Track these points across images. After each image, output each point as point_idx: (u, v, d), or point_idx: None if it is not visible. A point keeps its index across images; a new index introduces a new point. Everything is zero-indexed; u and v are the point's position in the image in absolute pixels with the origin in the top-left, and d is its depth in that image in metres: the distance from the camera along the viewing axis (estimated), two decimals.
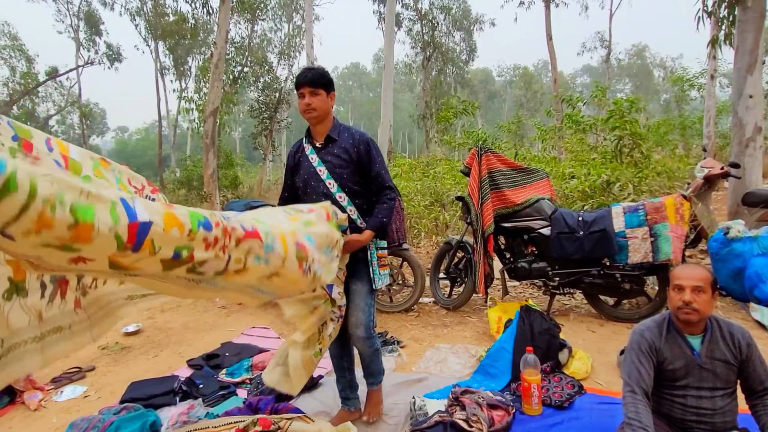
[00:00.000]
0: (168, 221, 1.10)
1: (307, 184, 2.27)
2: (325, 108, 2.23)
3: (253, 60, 18.89)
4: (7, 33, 23.56)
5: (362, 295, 2.27)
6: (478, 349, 3.21)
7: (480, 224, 3.77)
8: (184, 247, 1.16)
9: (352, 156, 2.23)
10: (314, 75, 2.18)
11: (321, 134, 2.28)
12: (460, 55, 26.95)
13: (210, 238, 1.22)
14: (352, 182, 2.24)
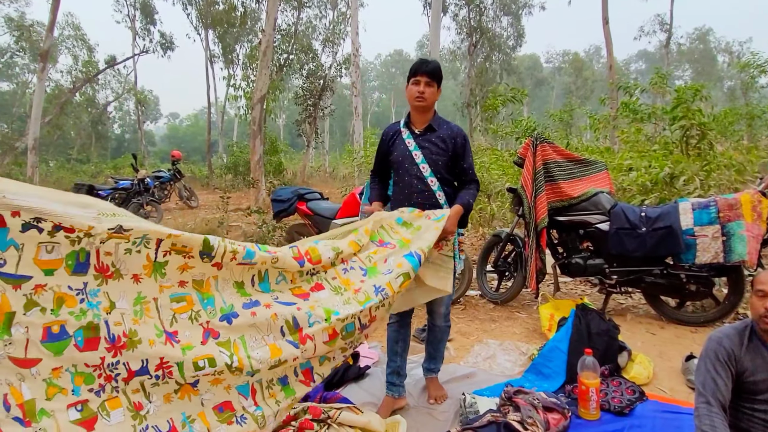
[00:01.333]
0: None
1: (401, 165, 2.42)
2: (433, 100, 2.35)
3: (298, 47, 19.05)
4: (71, 23, 24.88)
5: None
6: (529, 347, 3.10)
7: (533, 217, 3.62)
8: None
9: (449, 146, 2.36)
10: (433, 68, 2.30)
11: (422, 122, 2.40)
12: (507, 41, 26.11)
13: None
14: (445, 170, 2.37)
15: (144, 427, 1.47)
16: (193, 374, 1.55)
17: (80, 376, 1.38)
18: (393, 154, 2.45)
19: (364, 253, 2.15)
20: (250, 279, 1.83)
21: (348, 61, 18.96)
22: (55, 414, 1.32)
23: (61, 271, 1.40)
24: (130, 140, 38.25)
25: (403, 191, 2.42)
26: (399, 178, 2.44)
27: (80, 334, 1.38)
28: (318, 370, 1.92)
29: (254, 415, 1.69)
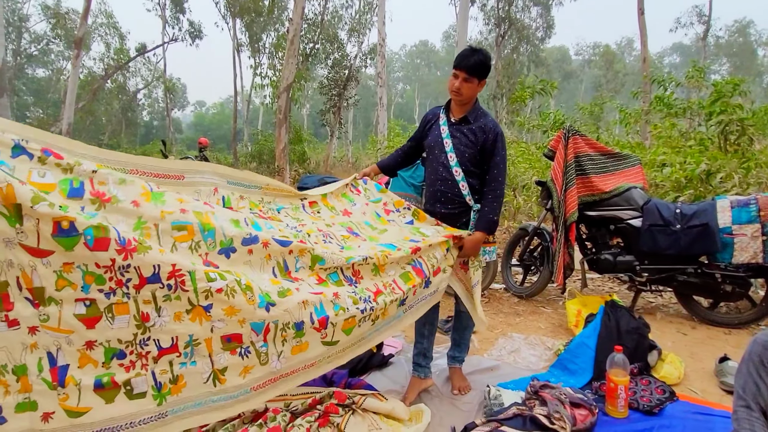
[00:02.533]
0: (82, 360, 1.38)
1: (432, 150, 2.43)
2: (471, 95, 2.31)
3: (324, 37, 19.06)
4: (104, 11, 25.45)
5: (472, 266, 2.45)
6: (555, 342, 3.06)
7: (562, 211, 3.55)
8: (104, 374, 1.40)
9: (479, 140, 2.32)
10: (475, 62, 2.21)
11: (459, 112, 2.38)
12: (536, 32, 25.55)
13: (126, 363, 1.44)
14: (471, 162, 2.34)
15: (146, 338, 1.46)
16: (205, 287, 1.50)
17: (91, 276, 1.36)
18: (427, 138, 2.46)
19: (337, 232, 2.18)
20: (243, 219, 1.79)
21: (373, 52, 18.87)
22: (62, 303, 1.34)
23: (55, 193, 1.38)
24: (158, 127, 39.12)
25: (429, 176, 2.48)
26: (428, 164, 2.48)
27: (90, 233, 1.33)
28: (333, 320, 1.81)
29: (258, 350, 1.66)
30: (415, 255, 2.19)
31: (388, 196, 2.54)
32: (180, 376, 1.52)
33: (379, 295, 2.00)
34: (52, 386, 1.33)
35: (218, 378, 1.58)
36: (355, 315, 1.88)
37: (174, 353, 1.50)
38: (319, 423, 2.04)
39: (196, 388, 1.55)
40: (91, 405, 1.38)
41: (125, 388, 1.43)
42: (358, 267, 2.02)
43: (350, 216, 2.36)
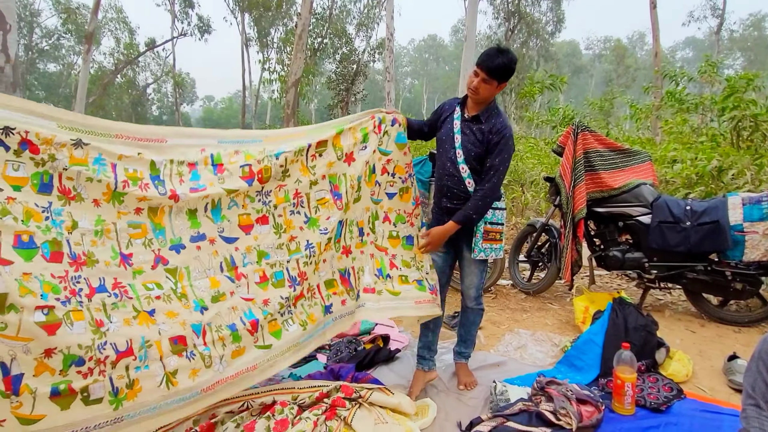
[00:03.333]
0: (38, 368, 1.41)
1: (442, 143, 2.41)
2: (488, 96, 2.27)
3: (332, 31, 19.03)
4: (113, 6, 25.60)
5: (470, 262, 2.44)
6: (562, 339, 3.06)
7: (570, 207, 3.53)
8: (61, 382, 1.44)
9: (485, 140, 2.28)
10: (498, 65, 2.15)
11: (473, 109, 2.35)
12: (546, 27, 25.31)
13: (84, 370, 1.49)
14: (477, 161, 2.32)
15: (103, 342, 1.54)
16: (145, 294, 1.70)
17: (48, 285, 1.47)
18: (440, 130, 2.43)
19: (315, 194, 2.20)
20: (203, 206, 1.92)
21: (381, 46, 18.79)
22: (23, 311, 1.37)
23: (27, 188, 1.51)
24: (167, 122, 39.31)
25: (438, 170, 2.47)
26: (439, 157, 2.45)
27: (46, 247, 1.49)
28: (262, 323, 1.97)
29: (202, 353, 1.79)
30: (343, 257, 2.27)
31: (399, 155, 2.40)
32: (136, 380, 1.61)
33: (299, 300, 2.11)
34: (5, 395, 1.35)
35: (171, 381, 1.69)
36: (277, 319, 2.03)
37: (130, 356, 1.60)
38: (326, 416, 2.06)
39: (151, 392, 1.63)
40: (46, 412, 1.40)
41: (82, 395, 1.48)
42: (304, 267, 2.11)
43: (350, 164, 2.27)
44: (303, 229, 2.14)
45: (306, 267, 2.12)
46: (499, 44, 2.28)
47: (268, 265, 2.04)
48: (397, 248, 2.42)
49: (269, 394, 2.19)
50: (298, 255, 2.10)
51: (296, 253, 2.10)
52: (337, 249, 2.24)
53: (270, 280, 2.03)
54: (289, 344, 2.05)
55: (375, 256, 2.38)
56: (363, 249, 2.36)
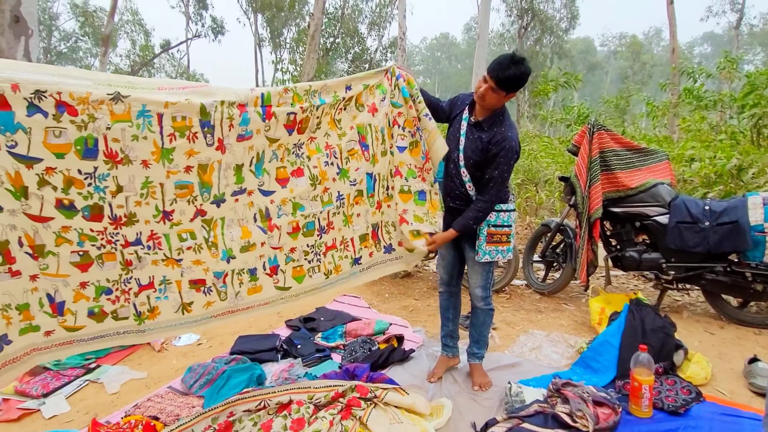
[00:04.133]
0: (76, 296, 1.71)
1: (449, 143, 2.39)
2: (494, 105, 2.24)
3: (344, 31, 19.08)
4: (129, 8, 25.97)
5: (475, 263, 2.45)
6: (578, 340, 3.03)
7: (586, 207, 3.50)
8: (95, 306, 1.75)
9: (484, 149, 2.28)
10: (507, 77, 2.09)
11: (479, 114, 2.32)
12: (560, 23, 25.03)
13: (112, 297, 1.78)
14: (474, 168, 2.32)
15: (128, 277, 1.78)
16: (178, 246, 1.84)
17: (85, 236, 1.64)
18: (450, 128, 2.43)
19: (345, 145, 2.22)
20: (249, 160, 1.95)
21: (394, 45, 18.78)
22: (59, 254, 1.61)
23: (71, 155, 1.52)
24: None
25: (445, 168, 2.48)
26: (447, 157, 2.41)
27: (87, 210, 1.61)
28: (283, 267, 2.13)
29: (219, 289, 1.98)
30: (377, 211, 2.36)
31: (407, 108, 2.30)
32: (156, 307, 1.87)
33: (330, 250, 2.23)
34: (52, 315, 1.66)
35: (186, 308, 1.93)
36: (303, 265, 2.18)
37: (150, 289, 1.84)
38: (341, 416, 2.07)
39: (168, 315, 1.90)
40: (85, 324, 1.75)
41: (112, 315, 1.79)
42: (333, 218, 2.22)
43: (374, 115, 2.26)
44: (335, 180, 2.20)
45: (334, 217, 2.23)
46: (514, 53, 2.16)
47: (302, 216, 2.13)
48: (408, 203, 2.37)
49: (286, 393, 2.21)
50: (330, 206, 2.20)
51: (328, 204, 2.19)
52: (371, 204, 2.33)
53: (301, 230, 2.14)
54: (307, 288, 2.22)
55: (398, 211, 2.40)
56: (389, 203, 2.40)
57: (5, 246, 1.49)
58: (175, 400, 2.44)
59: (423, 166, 2.37)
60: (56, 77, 1.48)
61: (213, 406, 2.10)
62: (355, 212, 2.29)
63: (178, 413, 2.30)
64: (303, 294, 2.22)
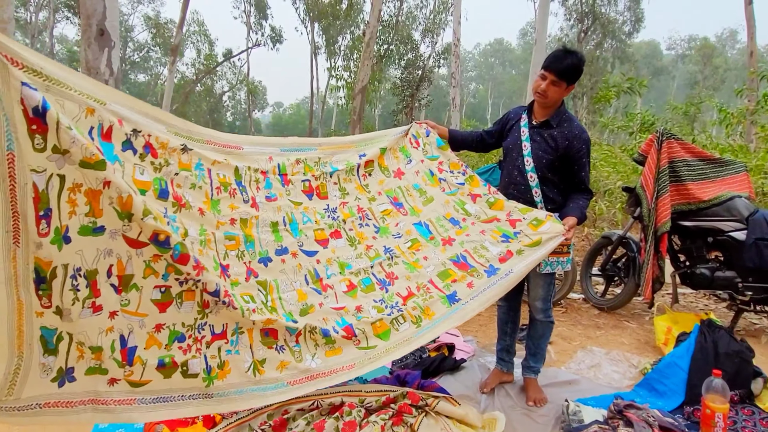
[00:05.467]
0: (149, 341, 1.58)
1: (509, 152, 2.37)
2: (557, 99, 2.22)
3: (398, 38, 19.23)
4: (196, 20, 27.55)
5: (536, 275, 2.37)
6: (641, 360, 2.87)
7: (653, 220, 3.31)
8: (166, 355, 1.60)
9: (560, 146, 2.22)
10: (567, 66, 2.11)
11: (541, 115, 2.30)
12: (623, 27, 23.96)
13: (184, 346, 1.65)
14: (548, 169, 2.26)
15: (203, 322, 1.69)
16: (246, 308, 1.75)
17: (172, 267, 1.58)
18: (507, 139, 2.41)
19: (377, 207, 2.28)
20: (282, 219, 2.03)
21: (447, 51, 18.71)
22: (143, 289, 1.54)
23: (150, 193, 1.59)
24: (240, 128, 41.56)
25: (504, 179, 2.43)
26: (504, 166, 2.43)
27: (177, 249, 1.55)
28: (359, 327, 1.97)
29: (292, 348, 1.85)
30: (448, 246, 2.21)
31: (447, 155, 2.45)
32: (226, 362, 1.73)
33: (409, 299, 2.07)
34: (121, 364, 1.52)
35: (258, 368, 1.78)
36: (383, 319, 2.00)
37: (223, 339, 1.73)
38: (393, 421, 2.07)
39: (239, 375, 1.74)
40: (152, 378, 1.58)
41: (182, 368, 1.64)
42: (391, 269, 2.14)
43: (401, 178, 2.37)
44: (376, 238, 2.21)
45: (392, 268, 2.16)
46: (565, 45, 2.25)
47: (352, 274, 2.09)
48: (505, 207, 2.27)
49: (338, 395, 2.24)
50: (380, 259, 2.16)
51: (377, 258, 2.16)
52: (435, 244, 2.24)
53: (358, 287, 2.08)
54: (397, 342, 2.00)
55: (486, 231, 2.25)
56: (467, 232, 2.27)
57: (94, 276, 1.44)
58: None
59: (490, 190, 2.36)
60: (143, 117, 1.61)
61: (269, 404, 2.16)
62: (420, 256, 2.20)
63: None
64: (395, 348, 1.99)
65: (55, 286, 1.35)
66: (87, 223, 1.40)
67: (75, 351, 1.43)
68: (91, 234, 1.41)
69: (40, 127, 1.24)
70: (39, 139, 1.25)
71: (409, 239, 2.23)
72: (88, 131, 1.40)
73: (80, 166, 1.33)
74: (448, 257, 2.20)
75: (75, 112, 1.36)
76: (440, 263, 2.19)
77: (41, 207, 1.28)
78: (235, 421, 2.08)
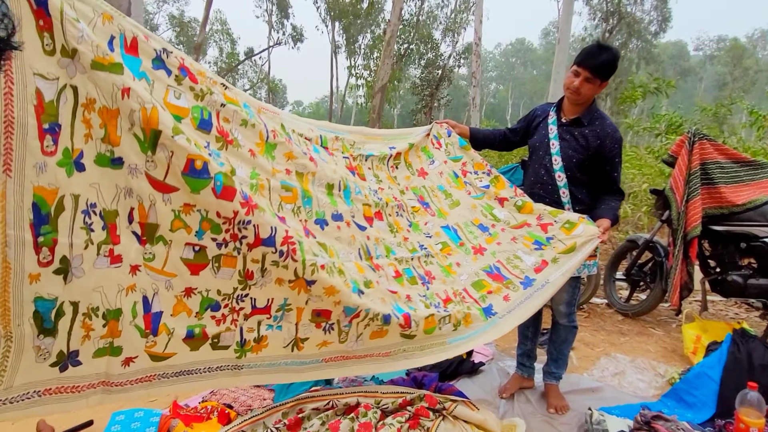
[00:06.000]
0: (177, 307, 1.35)
1: (535, 150, 2.30)
2: (590, 96, 2.16)
3: (418, 37, 19.14)
4: (219, 19, 27.89)
5: None
6: (669, 369, 2.76)
7: (682, 224, 3.18)
8: (196, 325, 1.38)
9: (591, 146, 2.16)
10: (602, 62, 2.06)
11: (571, 113, 2.24)
12: (649, 26, 23.40)
13: (218, 316, 1.43)
14: (578, 169, 2.18)
15: (244, 294, 1.45)
16: (312, 260, 1.49)
17: (208, 223, 1.31)
18: (533, 137, 2.34)
19: (407, 202, 2.18)
20: (338, 183, 1.83)
21: (468, 51, 18.55)
22: (171, 244, 1.29)
23: (187, 121, 1.33)
24: None
25: (529, 178, 2.36)
26: (530, 164, 2.36)
27: (220, 179, 1.28)
28: (416, 318, 1.80)
29: (342, 329, 1.68)
30: (479, 256, 2.12)
31: (470, 155, 2.40)
32: (264, 337, 1.53)
33: (448, 303, 1.97)
34: (144, 333, 1.27)
35: (297, 345, 1.61)
36: (434, 314, 1.85)
37: (265, 314, 1.52)
38: (409, 424, 2.02)
39: (276, 350, 1.56)
40: (176, 351, 1.36)
41: (212, 340, 1.43)
42: (428, 267, 2.03)
43: (425, 177, 2.30)
44: (410, 231, 2.13)
45: (429, 267, 2.05)
46: (598, 41, 2.20)
47: (396, 260, 1.96)
48: (535, 211, 2.19)
49: (353, 395, 2.20)
50: (417, 254, 2.04)
51: (414, 252, 2.04)
52: (466, 252, 2.15)
53: (403, 276, 1.94)
54: (433, 340, 1.87)
55: (518, 238, 2.17)
56: (498, 240, 2.19)
57: (113, 218, 1.17)
58: (248, 391, 2.52)
59: (516, 192, 2.29)
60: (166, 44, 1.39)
61: (283, 401, 2.13)
62: (453, 261, 2.11)
63: (251, 404, 2.36)
64: (429, 349, 1.87)
65: (62, 223, 1.05)
66: (104, 151, 1.14)
67: (79, 329, 1.14)
68: (109, 165, 1.15)
69: (46, 21, 0.98)
70: (47, 39, 0.99)
71: (440, 241, 2.14)
72: (108, 41, 1.14)
73: (92, 68, 1.07)
74: (481, 267, 2.10)
75: (89, 16, 1.10)
76: (473, 273, 2.09)
77: (45, 120, 1.00)
78: (249, 419, 2.06)
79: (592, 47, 2.09)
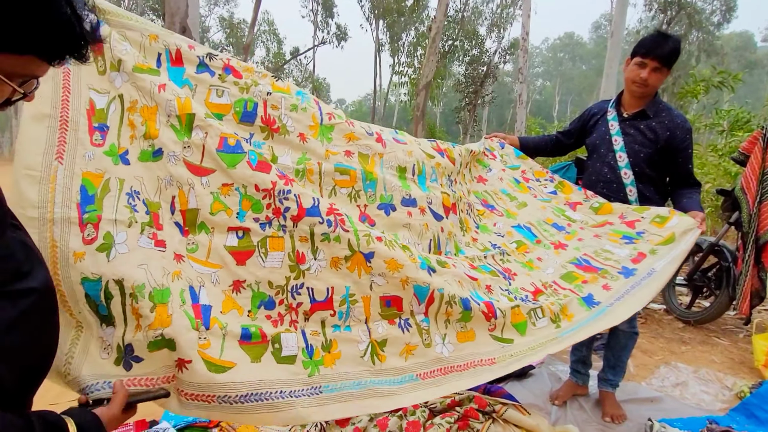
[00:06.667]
0: (226, 303, 1.21)
1: (596, 149, 2.22)
2: (656, 87, 2.09)
3: (463, 33, 18.87)
4: (266, 20, 28.63)
5: None
6: (737, 382, 2.58)
7: (754, 227, 2.95)
8: (251, 325, 1.21)
9: (660, 138, 2.05)
10: (671, 51, 1.98)
11: (634, 106, 2.14)
12: (711, 17, 21.98)
13: (274, 315, 1.26)
14: (646, 164, 2.08)
15: (299, 284, 1.28)
16: (365, 230, 1.35)
17: (248, 200, 1.25)
18: (591, 136, 2.25)
19: (474, 203, 2.08)
20: (411, 167, 1.69)
21: (514, 47, 18.11)
22: (214, 231, 1.24)
23: (229, 117, 1.36)
24: None
25: (590, 177, 2.26)
26: (591, 164, 2.27)
27: (254, 154, 1.28)
28: (501, 308, 1.53)
29: (420, 325, 1.40)
30: (561, 251, 1.96)
31: (528, 163, 2.33)
32: (333, 342, 1.28)
33: (539, 295, 1.72)
34: (195, 324, 1.10)
35: (377, 353, 1.32)
36: (520, 306, 1.57)
37: (328, 310, 1.30)
38: (458, 425, 2.00)
39: (352, 361, 1.29)
40: (235, 360, 1.12)
41: (273, 346, 1.20)
42: (505, 264, 1.85)
43: (485, 183, 2.21)
44: (478, 232, 1.99)
45: (508, 264, 1.84)
46: (658, 30, 2.19)
47: (467, 259, 1.74)
48: (615, 210, 2.08)
49: None
50: (491, 252, 1.85)
51: (487, 251, 1.85)
52: (546, 247, 1.98)
53: (479, 270, 1.72)
54: (535, 343, 1.56)
55: (602, 235, 2.01)
56: (579, 236, 2.03)
57: (156, 208, 1.17)
58: None
59: (586, 194, 2.20)
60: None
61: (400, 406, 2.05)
62: (533, 257, 1.92)
63: None
64: (531, 350, 1.54)
65: (108, 201, 1.07)
66: (146, 147, 1.20)
67: (131, 315, 1.04)
68: (151, 159, 1.20)
69: (99, 47, 1.14)
70: (100, 61, 1.15)
71: (513, 240, 1.97)
72: (156, 59, 1.27)
73: (133, 71, 1.19)
74: (568, 260, 1.91)
75: (138, 39, 1.24)
76: (560, 266, 1.88)
77: (96, 120, 1.11)
78: None
79: (656, 37, 2.02)
